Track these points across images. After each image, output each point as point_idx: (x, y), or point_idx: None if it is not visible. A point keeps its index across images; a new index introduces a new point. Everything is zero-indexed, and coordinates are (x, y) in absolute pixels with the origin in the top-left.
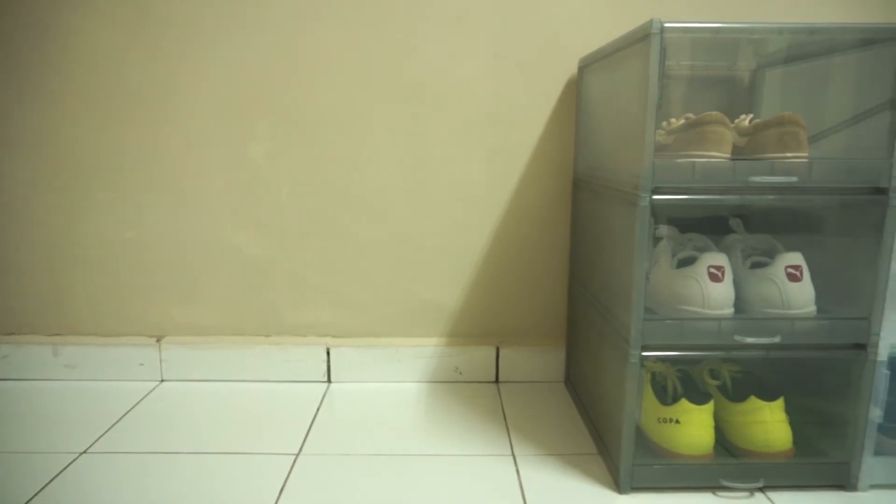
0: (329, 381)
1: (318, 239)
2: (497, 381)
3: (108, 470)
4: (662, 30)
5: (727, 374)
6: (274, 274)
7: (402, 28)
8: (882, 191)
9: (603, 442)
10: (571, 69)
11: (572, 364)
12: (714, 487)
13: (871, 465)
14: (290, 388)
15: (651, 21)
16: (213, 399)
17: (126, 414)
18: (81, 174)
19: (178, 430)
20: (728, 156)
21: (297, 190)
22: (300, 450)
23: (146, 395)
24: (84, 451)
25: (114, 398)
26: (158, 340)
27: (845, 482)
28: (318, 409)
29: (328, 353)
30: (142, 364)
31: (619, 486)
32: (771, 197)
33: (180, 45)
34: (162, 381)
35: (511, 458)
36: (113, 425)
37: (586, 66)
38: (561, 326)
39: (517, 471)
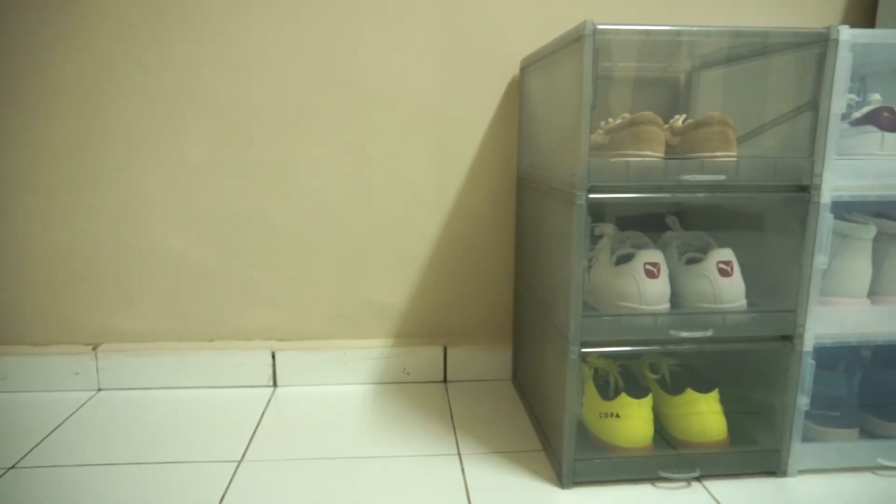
0: (275, 385)
1: (261, 241)
2: (445, 380)
3: (40, 485)
4: (595, 31)
5: (666, 368)
6: (216, 277)
7: (343, 27)
8: (804, 188)
9: (547, 438)
10: (514, 69)
11: (519, 362)
12: (653, 479)
13: (799, 452)
14: (235, 393)
15: (584, 23)
16: (153, 408)
17: (60, 425)
18: (6, 174)
19: (114, 440)
20: (661, 155)
21: (239, 191)
22: (243, 456)
23: (82, 406)
24: (13, 466)
25: (47, 409)
26: (94, 348)
27: (776, 468)
28: (262, 414)
29: (273, 357)
30: (77, 373)
31: (562, 481)
32: (701, 195)
33: (112, 41)
34: (99, 390)
35: (457, 456)
36: (45, 437)
37: (527, 66)
38: (508, 325)
39: (462, 469)
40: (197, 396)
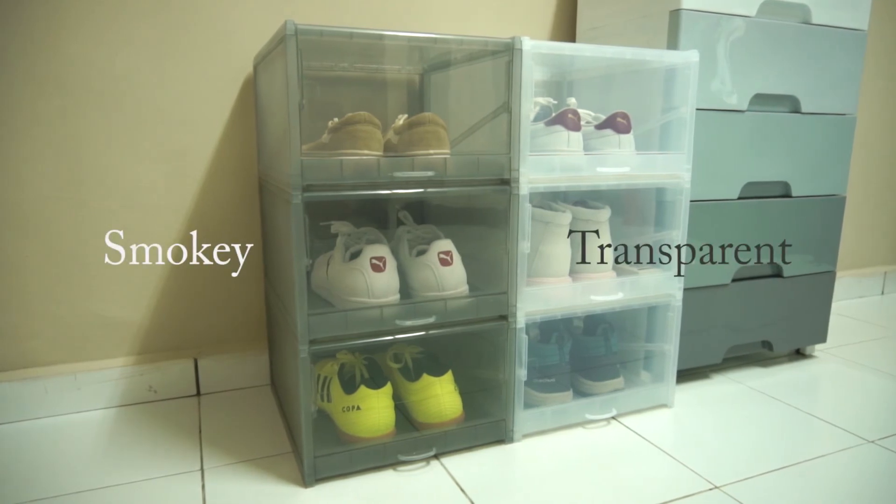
0: None
1: None
2: (198, 394)
3: None
4: (297, 31)
5: (409, 357)
6: None
7: (41, 14)
8: (506, 182)
9: (294, 440)
10: (248, 67)
11: (274, 366)
12: (394, 464)
13: (523, 418)
14: None
15: (286, 23)
16: None
17: None
18: None
19: None
20: (378, 153)
21: None
22: None
23: None
24: None
25: None
26: None
27: (504, 436)
28: None
29: None
30: None
31: (305, 481)
32: (415, 190)
33: None
34: None
35: (199, 472)
36: None
37: (258, 64)
38: (262, 329)
39: (203, 486)
40: None
